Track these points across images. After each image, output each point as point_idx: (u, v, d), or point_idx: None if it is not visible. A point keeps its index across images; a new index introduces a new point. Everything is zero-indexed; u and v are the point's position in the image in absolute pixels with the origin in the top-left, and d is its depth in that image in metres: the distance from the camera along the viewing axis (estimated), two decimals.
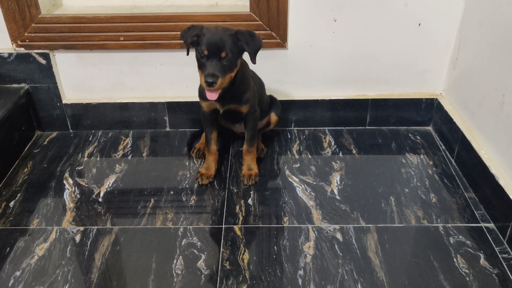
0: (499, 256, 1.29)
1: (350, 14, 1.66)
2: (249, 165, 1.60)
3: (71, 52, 1.74)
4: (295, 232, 1.38)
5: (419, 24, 1.68)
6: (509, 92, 1.36)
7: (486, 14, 1.50)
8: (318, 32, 1.70)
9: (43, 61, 1.74)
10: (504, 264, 1.26)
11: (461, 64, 1.68)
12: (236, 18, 1.66)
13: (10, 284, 1.22)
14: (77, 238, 1.37)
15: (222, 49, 1.33)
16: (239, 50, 1.38)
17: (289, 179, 1.60)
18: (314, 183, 1.58)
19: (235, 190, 1.55)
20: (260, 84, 1.65)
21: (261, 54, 1.73)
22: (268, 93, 1.75)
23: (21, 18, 1.64)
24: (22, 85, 1.78)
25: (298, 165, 1.67)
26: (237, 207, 1.48)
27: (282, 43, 1.70)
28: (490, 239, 1.34)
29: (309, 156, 1.71)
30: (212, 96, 1.37)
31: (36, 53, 1.72)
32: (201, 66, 1.37)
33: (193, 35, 1.37)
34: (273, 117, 1.72)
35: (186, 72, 1.79)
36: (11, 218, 1.45)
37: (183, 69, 1.79)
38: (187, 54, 1.44)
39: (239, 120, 1.60)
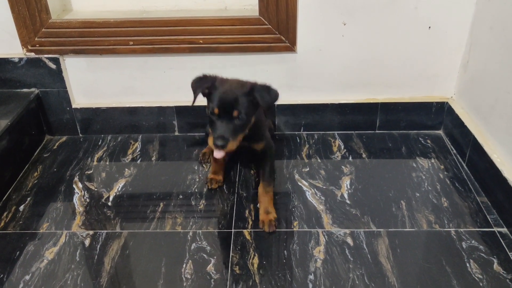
0: None
1: (360, 17, 1.66)
2: (266, 208, 1.42)
3: (81, 56, 1.75)
4: (305, 237, 1.37)
5: (429, 27, 1.67)
6: None
7: (497, 17, 1.49)
8: (328, 36, 1.70)
9: (53, 66, 1.75)
10: None
11: (472, 67, 1.66)
12: (245, 22, 1.66)
13: None
14: (87, 242, 1.37)
15: (235, 108, 1.24)
16: (254, 107, 1.30)
17: (299, 183, 1.59)
18: (324, 187, 1.57)
19: (244, 194, 1.54)
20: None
21: (270, 58, 1.75)
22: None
23: (31, 23, 1.66)
24: (32, 89, 1.79)
25: (308, 169, 1.66)
26: (247, 211, 1.47)
27: (291, 47, 1.69)
28: (503, 243, 1.32)
29: (319, 160, 1.70)
30: (220, 154, 1.28)
31: (46, 58, 1.73)
32: (211, 124, 1.29)
33: (205, 87, 1.30)
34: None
35: (195, 77, 1.79)
36: (21, 222, 1.45)
37: (192, 73, 1.76)
38: (193, 103, 1.37)
39: (253, 155, 1.53)
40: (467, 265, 1.26)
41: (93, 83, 1.82)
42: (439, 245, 1.33)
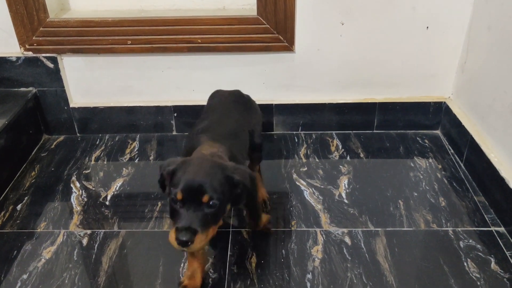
0: (510, 260, 1.27)
1: (358, 17, 1.66)
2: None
3: (79, 56, 1.75)
4: (303, 236, 1.37)
5: (427, 27, 1.68)
6: None
7: (495, 17, 1.49)
8: (326, 36, 1.70)
9: (50, 65, 1.74)
10: None
11: (470, 67, 1.67)
12: (244, 22, 1.66)
13: (17, 287, 1.22)
14: (84, 241, 1.37)
15: (204, 190, 0.97)
16: (231, 188, 1.03)
17: (297, 183, 1.59)
18: (322, 186, 1.57)
19: None
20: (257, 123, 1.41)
21: (268, 58, 1.75)
22: (275, 97, 1.74)
23: (29, 22, 1.65)
24: (30, 89, 1.79)
25: (306, 168, 1.66)
26: (244, 211, 1.47)
27: (289, 47, 1.70)
28: (500, 243, 1.33)
29: (317, 160, 1.71)
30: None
31: (44, 57, 1.73)
32: (172, 214, 1.00)
33: (168, 170, 1.03)
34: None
35: (193, 76, 1.80)
36: (18, 221, 1.44)
37: (190, 72, 1.79)
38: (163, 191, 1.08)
39: None
40: (465, 264, 1.26)
41: (91, 83, 1.82)
42: (437, 244, 1.33)
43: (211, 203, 0.97)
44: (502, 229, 1.38)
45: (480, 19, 1.59)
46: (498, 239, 1.34)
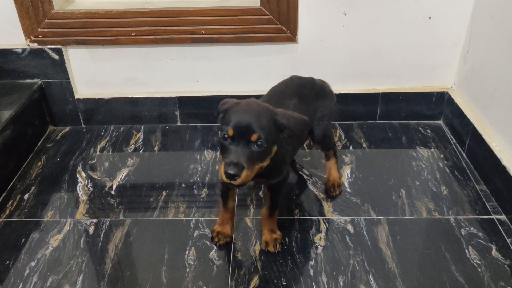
0: (511, 247, 1.29)
1: (360, 8, 1.67)
2: (271, 228, 1.33)
3: (84, 47, 1.76)
4: (306, 224, 1.39)
5: (430, 17, 1.68)
6: None
7: (497, 7, 1.49)
8: (329, 26, 1.71)
9: (56, 57, 1.76)
10: None
11: (472, 57, 1.67)
12: (247, 12, 1.67)
13: (25, 274, 1.24)
14: (91, 229, 1.39)
15: (254, 131, 1.04)
16: (276, 133, 1.10)
17: (300, 173, 1.60)
18: (325, 176, 1.58)
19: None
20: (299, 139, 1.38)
21: (271, 49, 1.76)
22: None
23: (34, 14, 1.67)
24: (36, 80, 1.81)
25: (309, 158, 1.67)
26: (248, 199, 1.49)
27: (292, 37, 1.71)
28: (502, 230, 1.34)
29: (319, 150, 1.72)
30: (233, 188, 1.15)
31: (49, 49, 1.75)
32: (222, 150, 1.09)
33: (222, 109, 1.13)
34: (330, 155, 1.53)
35: (196, 67, 1.81)
36: (25, 211, 1.47)
37: (193, 63, 1.80)
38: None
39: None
40: (466, 251, 1.28)
41: (95, 74, 1.83)
42: (439, 232, 1.35)
43: (258, 142, 1.05)
44: (503, 217, 1.39)
45: (483, 8, 1.59)
46: (499, 227, 1.35)
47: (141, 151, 1.75)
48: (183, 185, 1.56)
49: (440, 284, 1.19)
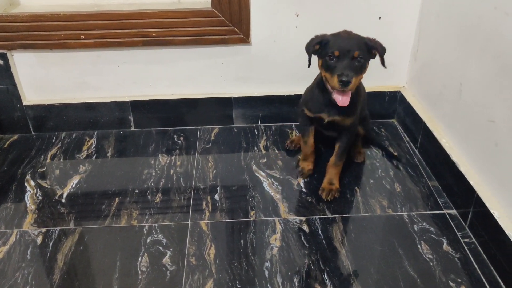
0: (461, 240, 1.31)
1: (312, 8, 1.68)
2: (332, 179, 1.50)
3: (31, 51, 1.70)
4: (262, 225, 1.38)
5: (380, 17, 1.71)
6: (466, 80, 1.39)
7: (443, 5, 1.53)
8: (281, 27, 1.71)
9: (0, 62, 1.69)
10: (466, 248, 1.29)
11: (422, 55, 1.71)
12: (198, 14, 1.65)
13: None
14: (39, 240, 1.34)
15: (355, 49, 1.30)
16: (369, 52, 1.35)
17: (256, 174, 1.60)
18: (281, 177, 1.58)
19: (202, 187, 1.54)
20: (364, 96, 1.58)
21: (225, 51, 1.74)
22: (234, 90, 1.74)
23: None
24: None
25: (265, 160, 1.67)
26: (204, 203, 1.47)
27: (245, 39, 1.70)
28: (452, 224, 1.37)
29: (276, 151, 1.72)
30: (344, 100, 1.32)
31: None
32: (329, 69, 1.32)
33: (315, 43, 1.36)
34: (360, 130, 1.64)
35: (149, 70, 1.78)
36: None
37: (146, 67, 1.77)
38: (309, 66, 1.40)
39: (335, 130, 1.52)
40: (419, 246, 1.30)
41: (44, 79, 1.77)
42: (392, 229, 1.36)
43: (359, 58, 1.30)
44: (454, 211, 1.42)
45: (429, 7, 1.62)
46: (450, 221, 1.38)
47: (93, 157, 1.70)
48: (137, 191, 1.52)
49: (393, 280, 1.20)
